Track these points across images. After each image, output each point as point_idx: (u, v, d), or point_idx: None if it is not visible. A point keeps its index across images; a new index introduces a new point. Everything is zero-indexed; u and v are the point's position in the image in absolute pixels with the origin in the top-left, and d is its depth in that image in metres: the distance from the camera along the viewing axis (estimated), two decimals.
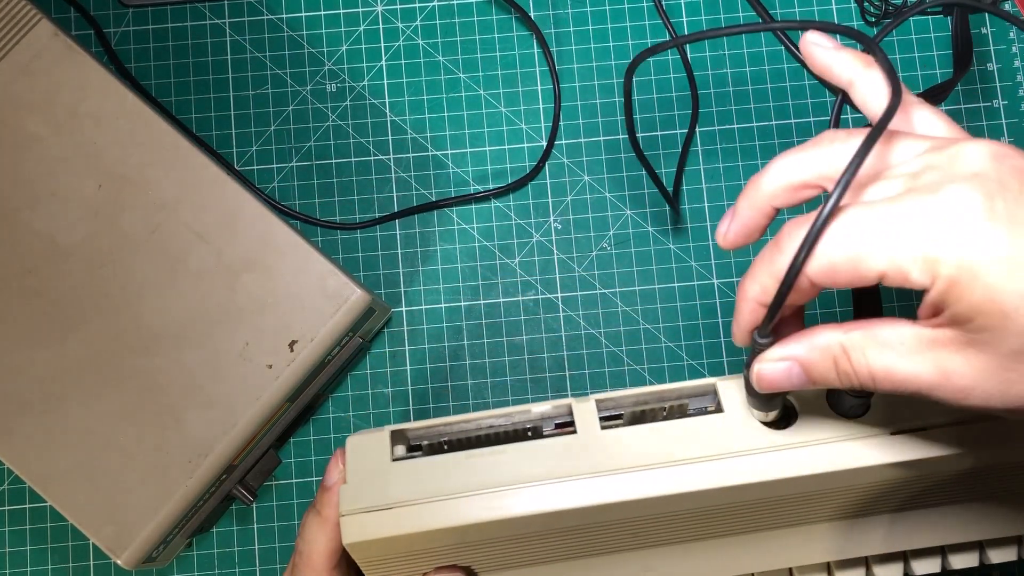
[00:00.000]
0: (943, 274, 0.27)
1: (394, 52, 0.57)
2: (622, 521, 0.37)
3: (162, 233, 0.48)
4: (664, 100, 0.56)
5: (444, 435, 0.39)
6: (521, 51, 0.57)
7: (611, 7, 0.57)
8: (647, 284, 0.55)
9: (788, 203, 0.32)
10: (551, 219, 0.56)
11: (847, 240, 0.28)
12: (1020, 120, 0.56)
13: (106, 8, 0.57)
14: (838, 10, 0.57)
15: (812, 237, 0.28)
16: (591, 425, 0.37)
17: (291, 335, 0.47)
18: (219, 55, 0.57)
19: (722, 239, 0.34)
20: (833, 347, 0.30)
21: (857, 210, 0.28)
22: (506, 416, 0.39)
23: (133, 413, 0.46)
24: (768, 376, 0.32)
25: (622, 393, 0.38)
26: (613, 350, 0.54)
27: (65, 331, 0.47)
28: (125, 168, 0.48)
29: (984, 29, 0.57)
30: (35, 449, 0.46)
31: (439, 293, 0.55)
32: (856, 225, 0.28)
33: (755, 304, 0.31)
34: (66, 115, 0.48)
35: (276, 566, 0.53)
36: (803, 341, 0.31)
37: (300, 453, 0.54)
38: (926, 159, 0.29)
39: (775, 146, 0.56)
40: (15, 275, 0.47)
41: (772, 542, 0.40)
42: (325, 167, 0.56)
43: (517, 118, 0.56)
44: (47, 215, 0.48)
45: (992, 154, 0.28)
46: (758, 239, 0.33)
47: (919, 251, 0.27)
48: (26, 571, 0.53)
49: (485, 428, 0.39)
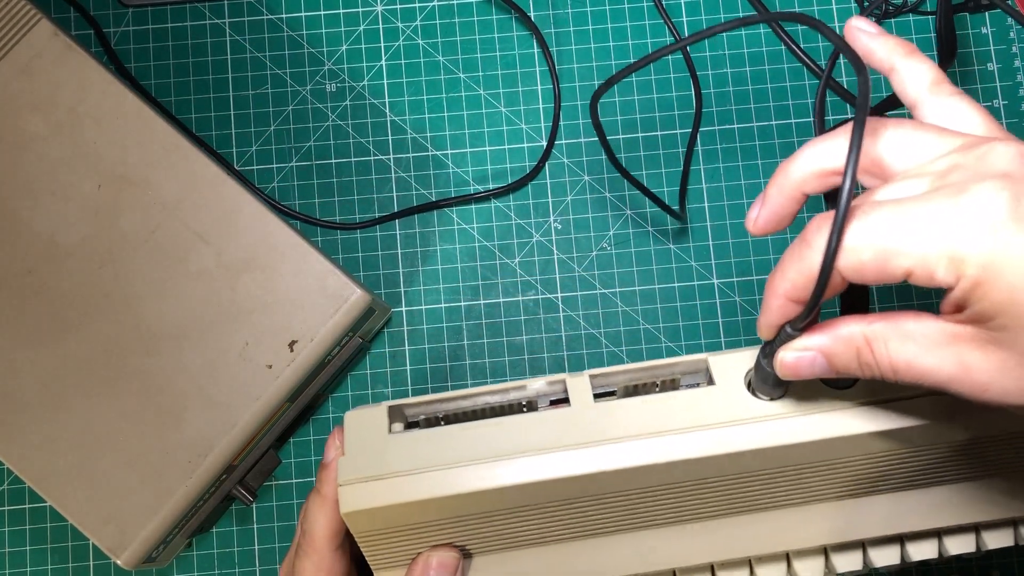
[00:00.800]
0: (968, 273, 0.27)
1: (394, 52, 0.57)
2: (616, 495, 0.38)
3: (162, 233, 0.48)
4: (664, 100, 0.56)
5: (441, 411, 0.40)
6: (521, 51, 0.57)
7: (611, 7, 0.57)
8: (647, 284, 0.55)
9: (818, 190, 0.33)
10: (551, 219, 0.56)
11: (876, 238, 0.28)
12: (1020, 120, 0.56)
13: (106, 8, 0.57)
14: (838, 10, 0.57)
15: (837, 232, 0.28)
16: (585, 398, 0.38)
17: (291, 335, 0.47)
18: (219, 55, 0.57)
19: (752, 225, 0.34)
20: (856, 338, 0.31)
21: (885, 209, 0.29)
22: (502, 392, 0.39)
23: (133, 413, 0.46)
24: (791, 364, 0.33)
25: (615, 369, 0.39)
26: (613, 350, 0.54)
27: (65, 331, 0.47)
28: (125, 168, 0.48)
29: (984, 29, 0.57)
30: (35, 449, 0.46)
31: (439, 293, 0.55)
32: (885, 223, 0.28)
33: (784, 300, 0.31)
34: (66, 115, 0.48)
35: (276, 566, 0.53)
36: (827, 332, 0.32)
37: (300, 453, 0.54)
38: (954, 158, 0.29)
39: (775, 146, 0.56)
40: (15, 275, 0.47)
41: (769, 524, 0.40)
42: (325, 167, 0.56)
43: (517, 118, 0.56)
44: (47, 215, 0.48)
45: (1021, 154, 0.28)
46: (788, 225, 0.34)
47: (945, 250, 0.27)
48: (26, 571, 0.53)
49: (481, 404, 0.40)
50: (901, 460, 0.38)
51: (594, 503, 0.38)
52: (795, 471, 0.37)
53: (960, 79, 0.56)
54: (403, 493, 0.37)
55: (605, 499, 0.38)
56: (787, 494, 0.39)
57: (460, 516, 0.38)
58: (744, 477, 0.37)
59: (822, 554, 0.42)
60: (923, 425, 0.36)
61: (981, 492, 0.40)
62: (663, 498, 0.38)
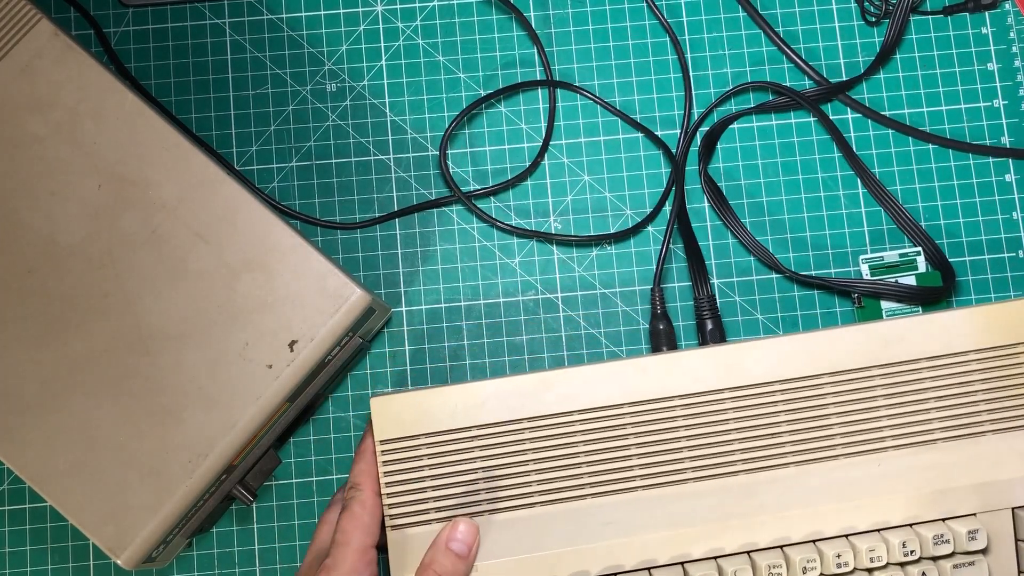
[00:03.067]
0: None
1: (394, 52, 0.57)
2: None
3: (162, 233, 0.48)
4: (665, 101, 0.56)
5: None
6: (521, 51, 0.57)
7: (611, 7, 0.57)
8: (647, 284, 0.55)
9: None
10: (551, 219, 0.56)
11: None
12: (1020, 120, 0.56)
13: (106, 8, 0.57)
14: (838, 10, 0.57)
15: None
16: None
17: (291, 335, 0.47)
18: (219, 55, 0.57)
19: None
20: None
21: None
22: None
23: (133, 413, 0.46)
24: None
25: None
26: (613, 350, 0.54)
27: (65, 331, 0.47)
28: (125, 168, 0.48)
29: (984, 29, 0.57)
30: (35, 449, 0.46)
31: (439, 293, 0.55)
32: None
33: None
34: (66, 115, 0.48)
35: (276, 566, 0.53)
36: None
37: (300, 453, 0.54)
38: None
39: (775, 146, 0.56)
40: (15, 275, 0.47)
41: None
42: (325, 167, 0.56)
43: (517, 118, 0.56)
44: (47, 215, 0.48)
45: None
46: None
47: None
48: (26, 571, 0.53)
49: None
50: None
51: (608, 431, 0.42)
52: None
53: (960, 79, 0.57)
54: (430, 393, 0.43)
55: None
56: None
57: (485, 435, 0.43)
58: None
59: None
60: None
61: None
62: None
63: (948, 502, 0.43)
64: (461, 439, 0.44)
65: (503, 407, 0.44)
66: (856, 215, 0.55)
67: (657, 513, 0.42)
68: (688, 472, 0.43)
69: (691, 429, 0.44)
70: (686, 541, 0.42)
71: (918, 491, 0.43)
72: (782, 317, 0.54)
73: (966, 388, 0.44)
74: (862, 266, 0.54)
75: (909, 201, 0.55)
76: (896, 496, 0.43)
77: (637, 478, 0.43)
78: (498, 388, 0.44)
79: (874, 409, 0.44)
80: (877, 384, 0.44)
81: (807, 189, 0.55)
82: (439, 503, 0.44)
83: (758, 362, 0.44)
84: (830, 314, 0.54)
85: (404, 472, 0.44)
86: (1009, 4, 0.57)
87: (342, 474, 0.54)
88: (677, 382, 0.43)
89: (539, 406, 0.44)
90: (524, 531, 0.43)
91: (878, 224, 0.55)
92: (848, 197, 0.55)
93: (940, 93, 0.56)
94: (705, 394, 0.44)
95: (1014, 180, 0.56)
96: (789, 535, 0.43)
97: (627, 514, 0.43)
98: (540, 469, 0.43)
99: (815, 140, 0.56)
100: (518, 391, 0.44)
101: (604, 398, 0.44)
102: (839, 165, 0.56)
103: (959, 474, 0.43)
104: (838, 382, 0.44)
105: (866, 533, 0.43)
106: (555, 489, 0.43)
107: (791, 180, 0.56)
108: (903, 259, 0.54)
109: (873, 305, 0.53)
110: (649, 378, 0.43)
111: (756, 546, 0.42)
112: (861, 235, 0.55)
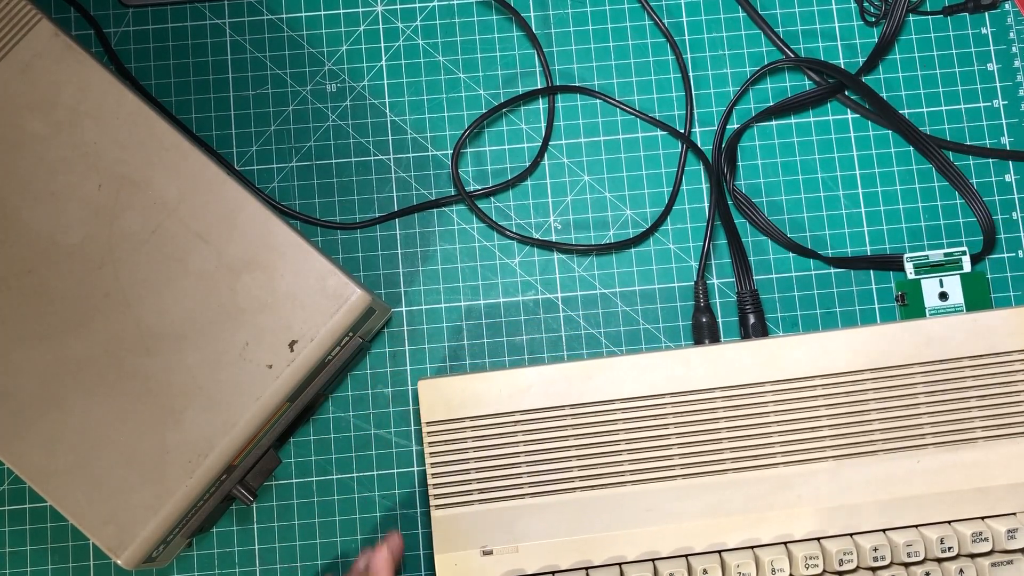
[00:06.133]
0: None
1: (394, 52, 0.57)
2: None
3: (162, 233, 0.48)
4: (665, 101, 0.57)
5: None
6: (521, 51, 0.57)
7: (611, 7, 0.57)
8: (647, 284, 0.55)
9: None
10: (551, 219, 0.56)
11: None
12: (1020, 120, 0.56)
13: (106, 8, 0.57)
14: (838, 10, 0.57)
15: None
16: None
17: (291, 335, 0.47)
18: (219, 55, 0.57)
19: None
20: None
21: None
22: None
23: (133, 413, 0.46)
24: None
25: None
26: (613, 350, 0.54)
27: (65, 331, 0.47)
28: (125, 168, 0.48)
29: (984, 29, 0.57)
30: (35, 449, 0.46)
31: (439, 293, 0.55)
32: None
33: None
34: (66, 115, 0.48)
35: (276, 566, 0.53)
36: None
37: (300, 453, 0.54)
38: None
39: (775, 146, 0.56)
40: (15, 275, 0.47)
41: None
42: (325, 167, 0.56)
43: (517, 118, 0.56)
44: (47, 215, 0.48)
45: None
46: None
47: None
48: (26, 571, 0.53)
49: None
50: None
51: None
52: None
53: (960, 79, 0.57)
54: (474, 376, 0.44)
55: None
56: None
57: (530, 418, 0.44)
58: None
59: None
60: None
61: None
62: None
63: (988, 500, 0.43)
64: (505, 423, 0.45)
65: (547, 394, 0.44)
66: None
67: (695, 502, 0.43)
68: (727, 463, 0.44)
69: (731, 421, 0.44)
70: (723, 530, 0.43)
71: (958, 489, 0.43)
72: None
73: (1009, 388, 0.44)
74: (906, 265, 0.54)
75: (909, 201, 0.55)
76: (935, 493, 0.43)
77: (677, 467, 0.44)
78: (542, 375, 0.45)
79: (915, 406, 0.44)
80: (918, 381, 0.45)
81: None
82: (482, 484, 0.45)
83: (800, 356, 0.44)
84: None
85: (449, 453, 0.44)
86: (1009, 4, 0.57)
87: (342, 474, 0.54)
88: (719, 374, 0.44)
89: (582, 394, 0.45)
90: (564, 515, 0.44)
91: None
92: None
93: (940, 93, 0.56)
94: (746, 386, 0.44)
95: (1014, 180, 0.56)
96: (826, 528, 0.43)
97: (666, 502, 0.43)
98: (581, 455, 0.44)
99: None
100: (562, 378, 0.45)
101: (646, 388, 0.44)
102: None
103: (999, 473, 0.43)
104: (879, 378, 0.45)
105: (904, 528, 0.43)
106: (595, 475, 0.44)
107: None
108: (948, 259, 0.54)
109: (916, 303, 0.53)
110: (691, 369, 0.44)
111: (792, 537, 0.43)
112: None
